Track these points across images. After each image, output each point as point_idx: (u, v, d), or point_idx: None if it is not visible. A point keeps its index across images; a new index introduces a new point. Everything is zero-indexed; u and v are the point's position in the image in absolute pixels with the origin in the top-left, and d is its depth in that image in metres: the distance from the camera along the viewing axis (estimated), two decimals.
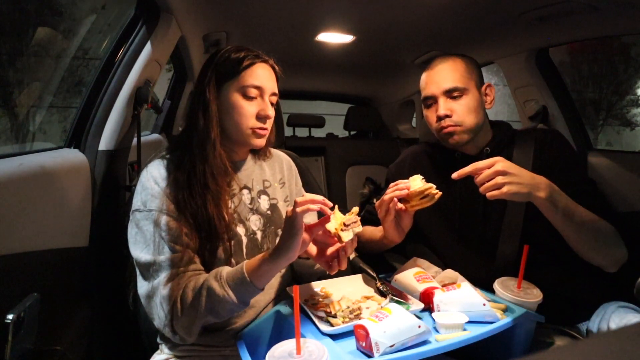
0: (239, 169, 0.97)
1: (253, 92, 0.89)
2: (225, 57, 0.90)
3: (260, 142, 0.93)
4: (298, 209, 0.72)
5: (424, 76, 1.13)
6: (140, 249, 0.81)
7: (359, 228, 0.80)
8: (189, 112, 0.92)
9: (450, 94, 1.06)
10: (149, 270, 0.80)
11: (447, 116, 1.06)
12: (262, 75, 0.90)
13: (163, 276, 0.79)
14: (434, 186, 0.90)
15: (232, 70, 0.89)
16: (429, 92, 1.10)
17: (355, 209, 0.83)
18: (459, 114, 1.06)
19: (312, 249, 0.88)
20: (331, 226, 0.79)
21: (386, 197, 0.94)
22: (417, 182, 0.91)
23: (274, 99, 0.94)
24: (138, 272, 0.82)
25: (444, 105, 1.07)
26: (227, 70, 0.89)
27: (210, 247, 0.85)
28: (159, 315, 0.78)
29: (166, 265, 0.80)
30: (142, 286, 0.81)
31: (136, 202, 0.84)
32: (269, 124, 0.93)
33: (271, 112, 0.92)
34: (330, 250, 0.85)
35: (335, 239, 0.81)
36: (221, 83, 0.89)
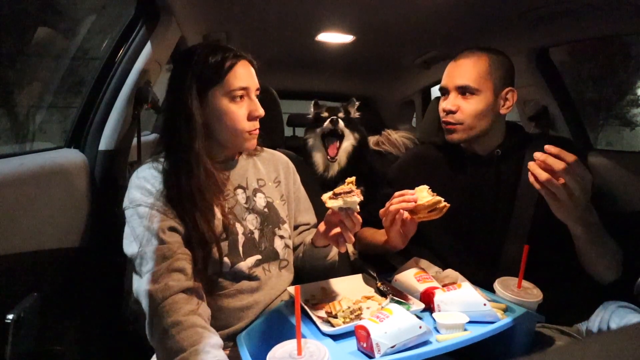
0: (231, 168, 0.96)
1: (240, 93, 0.87)
2: (203, 61, 0.86)
3: (254, 144, 0.93)
4: None
5: (448, 66, 1.13)
6: (128, 244, 0.81)
7: (353, 199, 0.80)
8: (168, 122, 0.89)
9: (462, 91, 1.06)
10: (137, 262, 0.79)
11: (452, 112, 1.07)
12: (245, 75, 0.89)
13: (151, 266, 0.77)
14: (443, 199, 0.88)
15: (215, 75, 0.85)
16: (443, 83, 1.11)
17: (350, 179, 0.83)
18: (464, 113, 1.05)
19: (321, 226, 0.91)
20: (325, 196, 0.82)
21: (392, 208, 0.91)
22: (424, 194, 0.89)
23: (257, 93, 0.93)
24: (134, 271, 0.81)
25: (452, 100, 1.07)
26: (209, 76, 0.86)
27: (202, 252, 0.84)
28: (145, 303, 0.76)
29: (153, 256, 0.78)
30: (135, 281, 0.79)
31: (125, 202, 0.85)
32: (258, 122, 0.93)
33: (262, 110, 0.91)
34: (333, 231, 0.87)
35: (340, 216, 0.84)
36: (205, 90, 0.86)
